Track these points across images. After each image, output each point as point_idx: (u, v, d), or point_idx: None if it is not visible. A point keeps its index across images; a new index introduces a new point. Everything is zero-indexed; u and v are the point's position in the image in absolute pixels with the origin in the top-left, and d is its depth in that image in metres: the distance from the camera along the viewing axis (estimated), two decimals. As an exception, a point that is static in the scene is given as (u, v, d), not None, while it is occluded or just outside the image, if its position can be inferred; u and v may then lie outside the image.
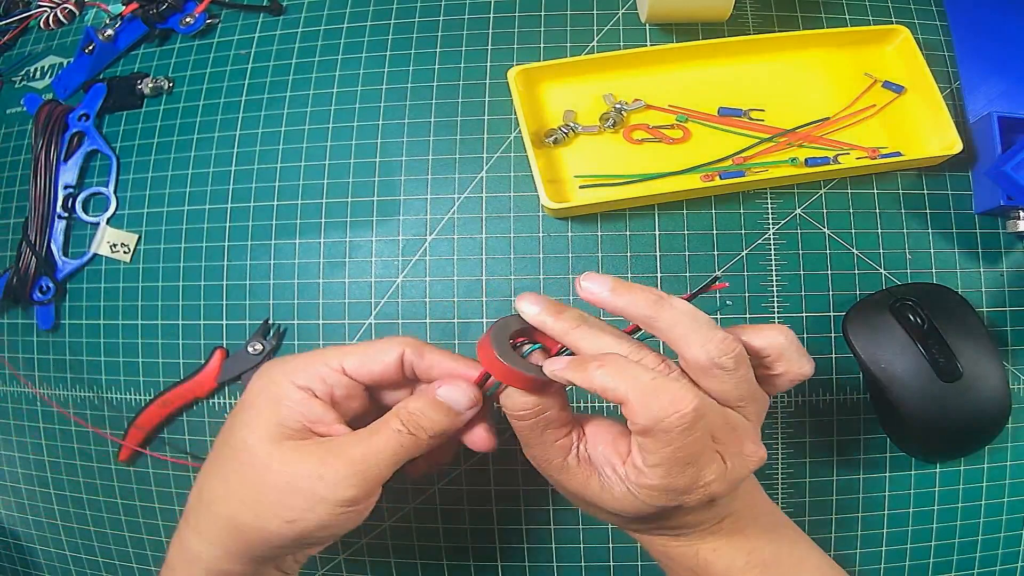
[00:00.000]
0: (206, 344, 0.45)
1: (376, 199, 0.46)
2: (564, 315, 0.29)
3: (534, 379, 0.29)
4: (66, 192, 0.48)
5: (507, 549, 0.43)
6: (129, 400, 0.46)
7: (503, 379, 0.29)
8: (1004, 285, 0.43)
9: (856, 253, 0.43)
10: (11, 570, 0.48)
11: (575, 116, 0.45)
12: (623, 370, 0.27)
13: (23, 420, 0.48)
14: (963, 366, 0.39)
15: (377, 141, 0.46)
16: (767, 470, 0.42)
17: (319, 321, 0.45)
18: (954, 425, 0.39)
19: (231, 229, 0.46)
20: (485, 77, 0.47)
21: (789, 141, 0.44)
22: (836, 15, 0.47)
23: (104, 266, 0.48)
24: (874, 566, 0.42)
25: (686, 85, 0.46)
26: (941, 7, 0.48)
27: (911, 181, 0.44)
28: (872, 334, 0.40)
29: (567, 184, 0.44)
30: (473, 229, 0.45)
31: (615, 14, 0.48)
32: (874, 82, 0.45)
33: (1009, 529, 0.42)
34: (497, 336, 0.29)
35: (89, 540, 0.47)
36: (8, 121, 0.52)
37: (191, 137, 0.48)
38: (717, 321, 0.29)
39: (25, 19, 0.53)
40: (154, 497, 0.46)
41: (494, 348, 0.29)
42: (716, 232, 0.44)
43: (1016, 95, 0.45)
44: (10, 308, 0.49)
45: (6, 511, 0.49)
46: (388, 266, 0.45)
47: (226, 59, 0.49)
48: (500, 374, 0.29)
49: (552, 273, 0.44)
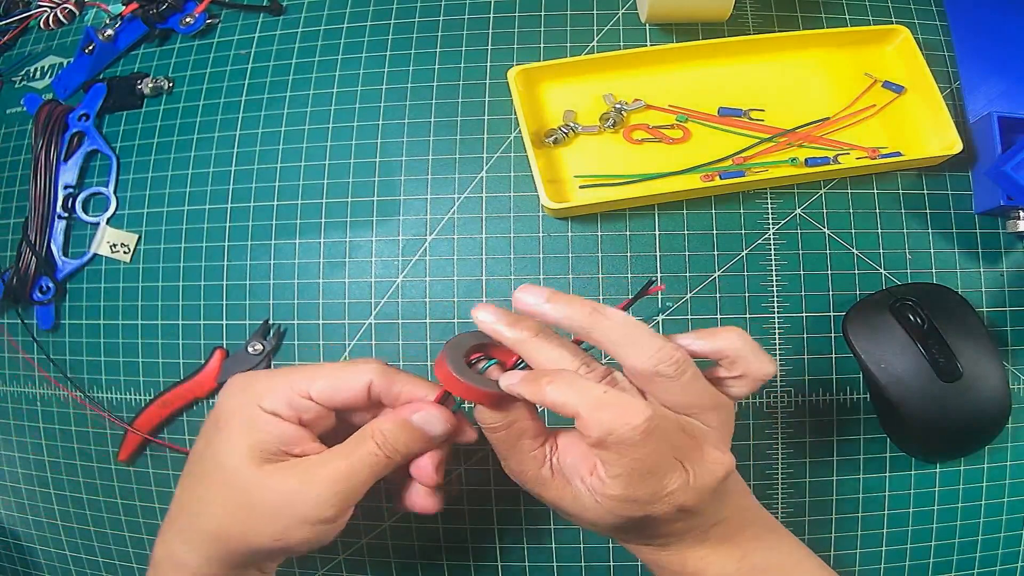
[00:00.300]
0: (206, 344, 0.45)
1: (376, 199, 0.46)
2: (519, 325, 0.29)
3: (491, 393, 0.29)
4: (66, 192, 0.48)
5: (507, 549, 0.43)
6: (129, 400, 0.46)
7: (462, 395, 0.29)
8: (1004, 285, 0.43)
9: (856, 253, 0.43)
10: (11, 570, 0.48)
11: (575, 116, 0.45)
12: (573, 385, 0.27)
13: (23, 420, 0.48)
14: (963, 366, 0.39)
15: (377, 141, 0.46)
16: (767, 470, 0.42)
17: (319, 321, 0.45)
18: (954, 425, 0.39)
19: (231, 229, 0.46)
20: (485, 77, 0.47)
21: (789, 141, 0.44)
22: (836, 15, 0.47)
23: (104, 266, 0.48)
24: (874, 566, 0.42)
25: (686, 85, 0.46)
26: (941, 7, 0.48)
27: (911, 181, 0.44)
28: (872, 334, 0.40)
29: (567, 184, 0.44)
30: (473, 229, 0.45)
31: (615, 14, 0.48)
32: (874, 82, 0.45)
33: (1009, 529, 0.42)
34: (452, 353, 0.30)
35: (89, 540, 0.47)
36: (8, 121, 0.52)
37: (191, 137, 0.48)
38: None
39: (25, 19, 0.53)
40: (154, 497, 0.46)
41: (449, 365, 0.29)
42: (716, 232, 0.44)
43: (1016, 95, 0.45)
44: (10, 308, 0.49)
45: (6, 511, 0.49)
46: (388, 266, 0.45)
47: (226, 59, 0.49)
48: (458, 391, 0.29)
49: (552, 273, 0.44)
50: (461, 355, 0.30)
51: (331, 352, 0.44)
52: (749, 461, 0.42)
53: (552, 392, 0.27)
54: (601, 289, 0.44)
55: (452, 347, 0.30)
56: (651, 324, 0.43)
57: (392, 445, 0.30)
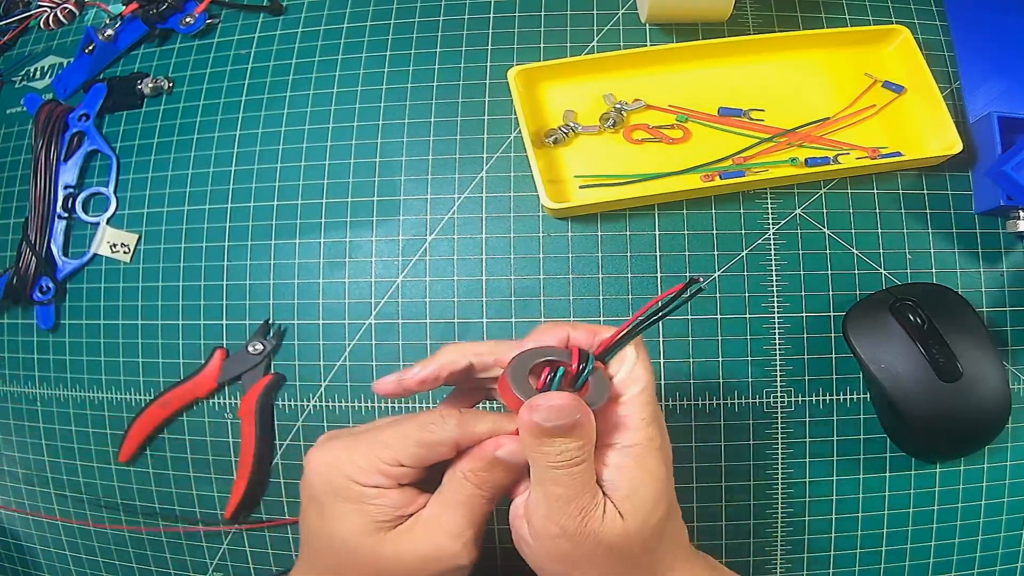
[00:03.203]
0: (206, 344, 0.45)
1: (376, 199, 0.46)
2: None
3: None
4: (66, 192, 0.48)
5: (506, 549, 0.43)
6: (129, 400, 0.46)
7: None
8: (1004, 285, 0.43)
9: (856, 253, 0.43)
10: (11, 570, 0.48)
11: (575, 116, 0.45)
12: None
13: (23, 420, 0.48)
14: (963, 366, 0.39)
15: (377, 141, 0.46)
16: (767, 470, 0.42)
17: (319, 321, 0.45)
18: (954, 425, 0.39)
19: (231, 229, 0.46)
20: (485, 77, 0.47)
21: (789, 141, 0.44)
22: (836, 15, 0.47)
23: (104, 266, 0.48)
24: (874, 566, 0.42)
25: (686, 85, 0.46)
26: (941, 7, 0.48)
27: (911, 181, 0.44)
28: (872, 334, 0.40)
29: (567, 184, 0.44)
30: (473, 229, 0.45)
31: (615, 14, 0.48)
32: (874, 82, 0.45)
33: (1009, 529, 0.42)
34: (514, 373, 0.28)
35: (89, 540, 0.47)
36: (8, 121, 0.52)
37: (191, 137, 0.48)
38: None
39: (25, 19, 0.53)
40: (154, 497, 0.46)
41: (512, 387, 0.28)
42: (716, 232, 0.44)
43: (1016, 95, 0.45)
44: (10, 308, 0.49)
45: (6, 511, 0.49)
46: (388, 266, 0.45)
47: (226, 59, 0.49)
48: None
49: (552, 273, 0.44)
50: (524, 373, 0.29)
51: (331, 352, 0.44)
52: (749, 461, 0.42)
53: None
54: (601, 289, 0.44)
55: (514, 366, 0.29)
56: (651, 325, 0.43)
57: (488, 484, 0.29)
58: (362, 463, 0.29)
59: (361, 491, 0.29)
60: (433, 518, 0.29)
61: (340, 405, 0.44)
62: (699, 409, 0.42)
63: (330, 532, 0.29)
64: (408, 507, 0.29)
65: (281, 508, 0.44)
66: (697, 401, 0.43)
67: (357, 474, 0.29)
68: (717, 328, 0.43)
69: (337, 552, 0.30)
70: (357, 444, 0.30)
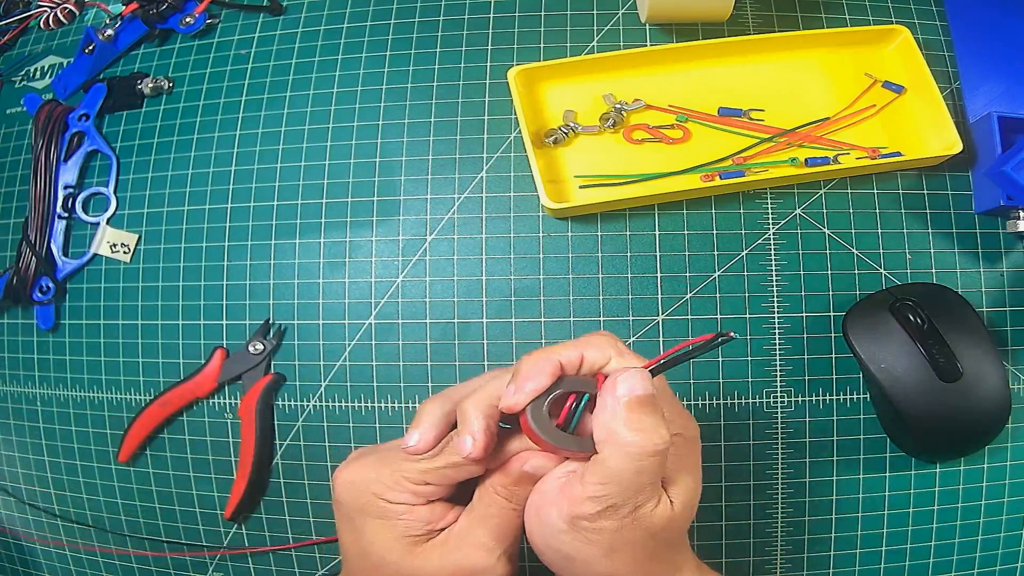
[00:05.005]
0: (206, 344, 0.45)
1: (376, 199, 0.46)
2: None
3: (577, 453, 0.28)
4: (66, 192, 0.48)
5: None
6: (129, 400, 0.46)
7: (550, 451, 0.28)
8: (1004, 285, 0.43)
9: (856, 253, 0.43)
10: (11, 570, 0.48)
11: (575, 116, 0.45)
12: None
13: (23, 420, 0.48)
14: (963, 366, 0.39)
15: (377, 141, 0.46)
16: (767, 470, 0.42)
17: (319, 321, 0.45)
18: (954, 425, 0.39)
19: (231, 229, 0.46)
20: (485, 77, 0.47)
21: (789, 141, 0.44)
22: (836, 15, 0.47)
23: (104, 266, 0.48)
24: (874, 566, 0.42)
25: (686, 85, 0.46)
26: (941, 7, 0.48)
27: (911, 181, 0.44)
28: (872, 334, 0.40)
29: (567, 184, 0.44)
30: (473, 229, 0.45)
31: (615, 14, 0.48)
32: (874, 82, 0.45)
33: (1009, 529, 0.42)
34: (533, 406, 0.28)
35: (89, 540, 0.47)
36: (8, 121, 0.52)
37: (191, 137, 0.48)
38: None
39: (25, 19, 0.53)
40: (154, 497, 0.46)
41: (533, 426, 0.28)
42: (716, 232, 0.44)
43: (1016, 95, 0.45)
44: (10, 308, 0.49)
45: (6, 511, 0.49)
46: (388, 266, 0.45)
47: (226, 59, 0.49)
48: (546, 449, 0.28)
49: (552, 273, 0.44)
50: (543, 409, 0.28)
51: (331, 352, 0.44)
52: (749, 461, 0.42)
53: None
54: (601, 289, 0.44)
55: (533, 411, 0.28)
56: (650, 325, 0.43)
57: (519, 498, 0.29)
58: (388, 481, 0.29)
59: (389, 508, 0.29)
60: (465, 532, 0.29)
61: (340, 405, 0.44)
62: (699, 409, 0.42)
63: (364, 548, 0.30)
64: (439, 521, 0.29)
65: (281, 508, 0.44)
66: (697, 401, 0.43)
67: (384, 491, 0.29)
68: (717, 328, 0.43)
69: (374, 567, 0.30)
70: (384, 462, 0.30)
